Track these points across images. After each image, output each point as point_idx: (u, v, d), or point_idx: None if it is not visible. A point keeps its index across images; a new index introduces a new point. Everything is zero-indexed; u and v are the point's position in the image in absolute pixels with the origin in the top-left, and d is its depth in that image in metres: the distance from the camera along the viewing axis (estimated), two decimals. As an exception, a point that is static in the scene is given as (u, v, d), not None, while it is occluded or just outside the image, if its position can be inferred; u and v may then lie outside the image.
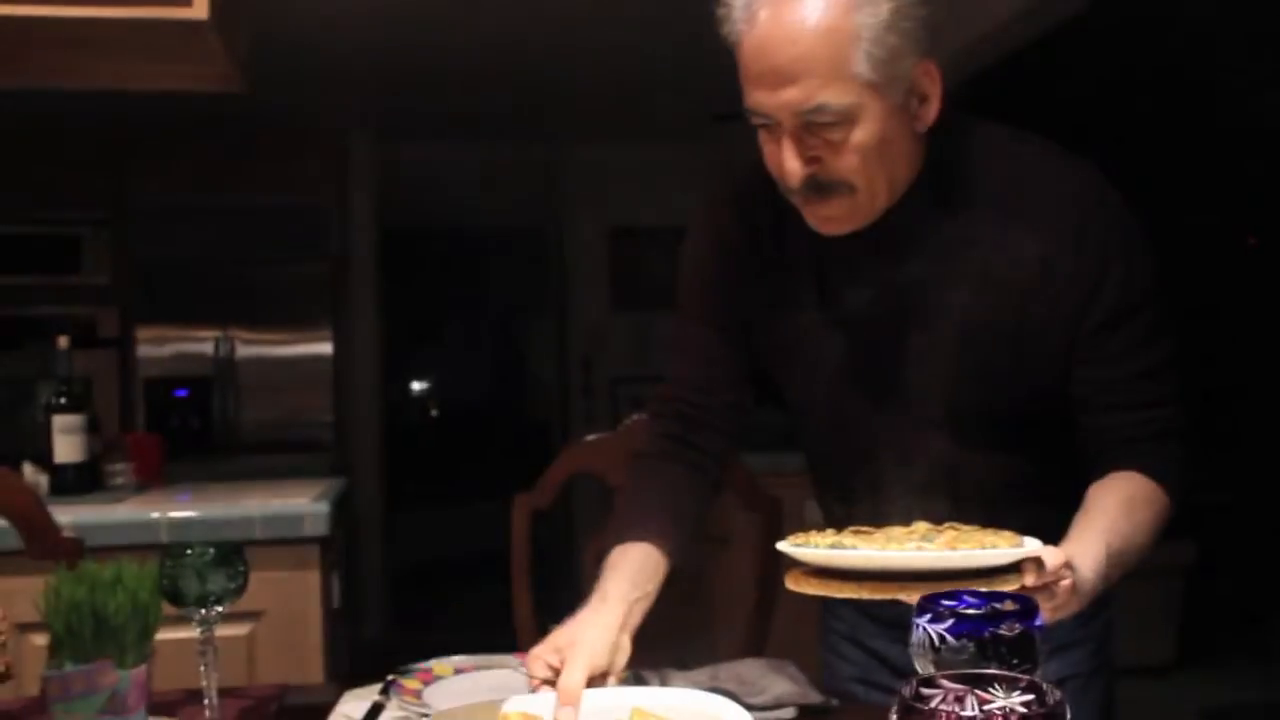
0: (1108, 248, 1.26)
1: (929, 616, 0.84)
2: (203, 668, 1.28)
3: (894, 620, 1.52)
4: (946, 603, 0.88)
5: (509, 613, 1.98)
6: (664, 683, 1.46)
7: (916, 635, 0.84)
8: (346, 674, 2.57)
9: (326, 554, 2.37)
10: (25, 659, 2.04)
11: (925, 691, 0.65)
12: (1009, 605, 0.86)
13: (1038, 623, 0.83)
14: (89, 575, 1.26)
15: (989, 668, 0.81)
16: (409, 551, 7.06)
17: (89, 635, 1.23)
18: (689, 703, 1.19)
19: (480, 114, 5.45)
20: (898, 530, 1.18)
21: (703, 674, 1.49)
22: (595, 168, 6.12)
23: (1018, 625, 0.82)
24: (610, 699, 1.20)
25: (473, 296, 9.84)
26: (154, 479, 2.81)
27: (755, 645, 1.97)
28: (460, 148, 6.00)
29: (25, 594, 1.36)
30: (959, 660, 0.82)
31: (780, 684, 1.43)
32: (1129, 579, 1.27)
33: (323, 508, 2.33)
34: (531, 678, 1.25)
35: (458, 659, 1.53)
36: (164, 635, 1.38)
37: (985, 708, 0.66)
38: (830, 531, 1.18)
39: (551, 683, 1.22)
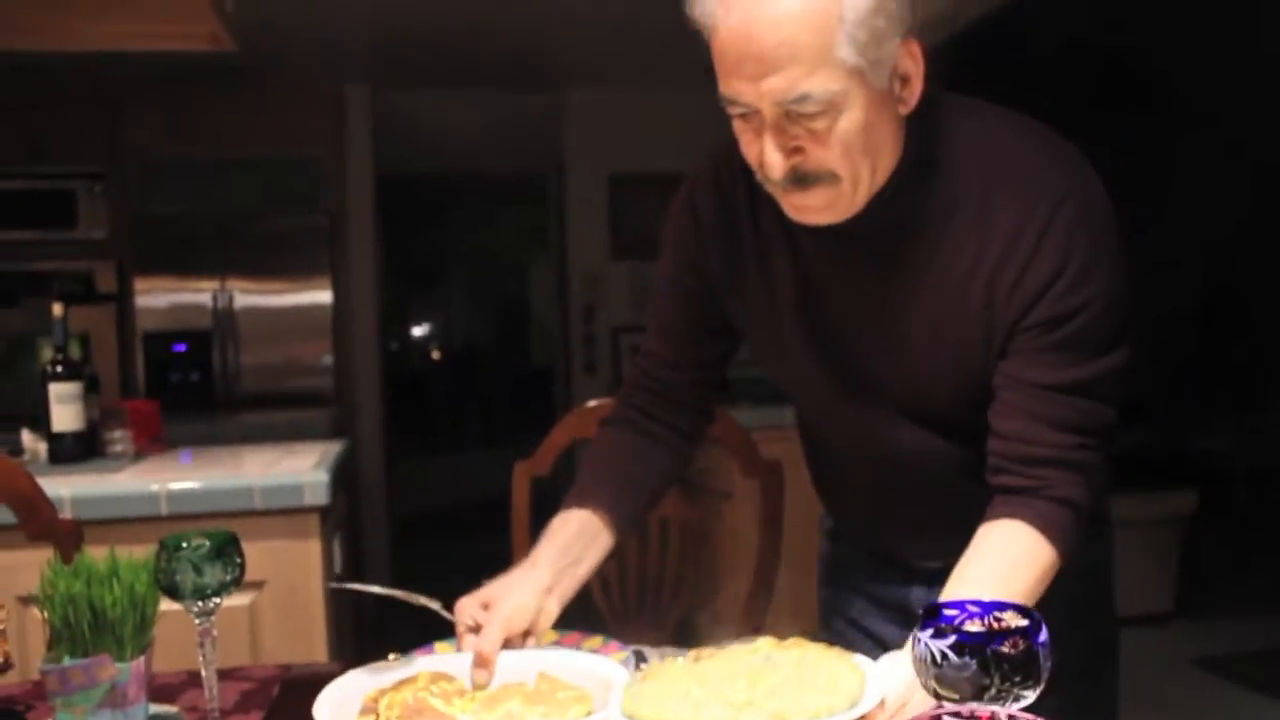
0: (1068, 247, 1.19)
1: (930, 632, 0.83)
2: (201, 659, 1.27)
3: (897, 604, 1.52)
4: (948, 615, 0.87)
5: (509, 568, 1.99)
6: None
7: (918, 650, 0.83)
8: (351, 638, 2.58)
9: (326, 522, 2.37)
10: (29, 633, 2.05)
11: (927, 729, 0.64)
12: (1012, 619, 0.85)
13: (1041, 639, 0.82)
14: (85, 568, 1.25)
15: (991, 685, 0.81)
16: (411, 501, 7.08)
17: (87, 628, 1.23)
18: (591, 667, 1.26)
19: (479, 62, 5.38)
20: (741, 650, 1.16)
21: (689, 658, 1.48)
22: (596, 114, 6.06)
23: (1021, 642, 0.81)
24: (521, 661, 1.27)
25: (473, 245, 9.80)
26: (153, 445, 2.81)
27: (756, 618, 1.97)
28: (459, 96, 5.93)
29: (26, 567, 1.36)
30: (961, 678, 0.81)
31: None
32: (1128, 529, 1.25)
33: (322, 476, 2.32)
34: (458, 624, 1.32)
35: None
36: (165, 606, 1.38)
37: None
38: (678, 658, 1.18)
39: (476, 630, 1.29)
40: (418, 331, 11.16)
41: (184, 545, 1.22)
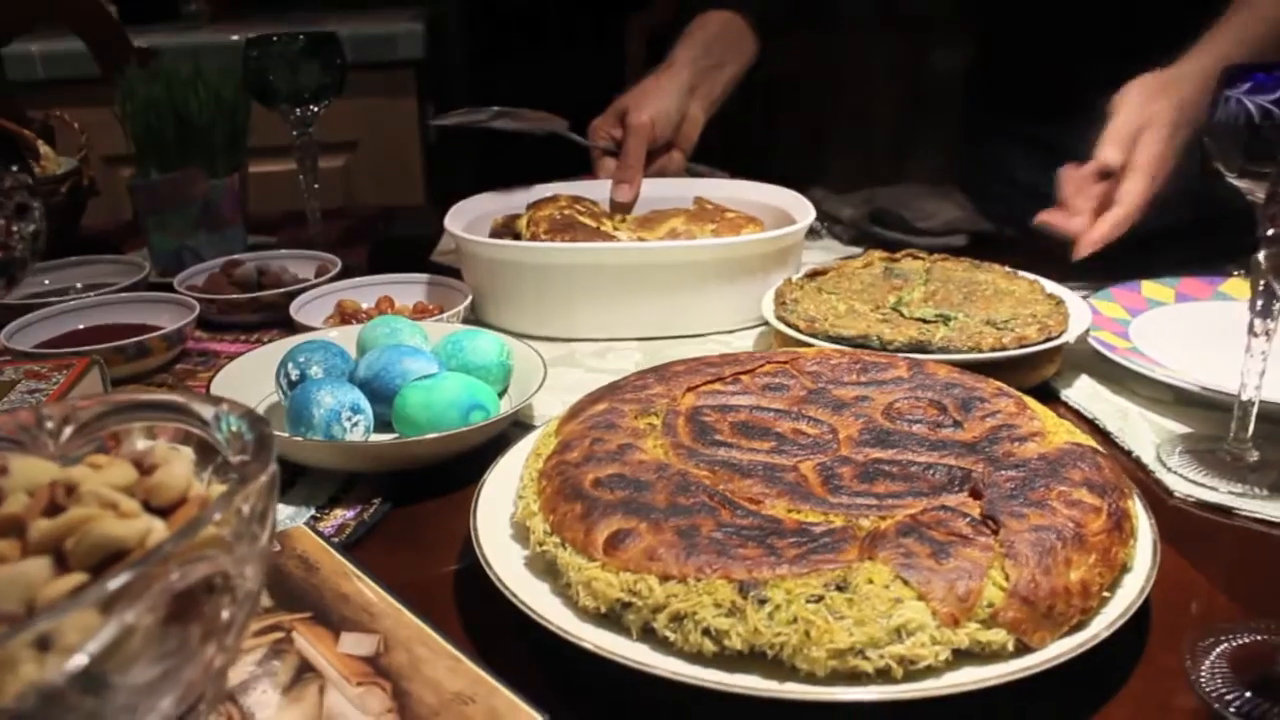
0: None
1: (1247, 87, 0.63)
2: (301, 177, 1.13)
3: (1046, 144, 1.31)
4: (1261, 75, 0.66)
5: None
6: (817, 203, 1.29)
7: (1223, 112, 0.64)
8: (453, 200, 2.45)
9: (423, 79, 2.18)
10: (119, 192, 1.94)
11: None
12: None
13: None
14: (165, 72, 1.10)
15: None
16: (501, 96, 6.86)
17: (172, 139, 1.08)
18: (754, 195, 1.13)
19: None
20: (854, 265, 0.98)
21: (858, 196, 1.32)
22: None
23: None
24: (671, 188, 1.14)
25: None
26: (226, 6, 2.58)
27: (893, 167, 1.80)
28: None
29: (108, 126, 1.21)
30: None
31: (949, 209, 1.26)
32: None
33: (417, 28, 2.12)
34: (593, 149, 1.18)
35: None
36: (256, 169, 1.25)
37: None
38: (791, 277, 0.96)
39: (613, 153, 1.14)
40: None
41: (275, 39, 1.05)
